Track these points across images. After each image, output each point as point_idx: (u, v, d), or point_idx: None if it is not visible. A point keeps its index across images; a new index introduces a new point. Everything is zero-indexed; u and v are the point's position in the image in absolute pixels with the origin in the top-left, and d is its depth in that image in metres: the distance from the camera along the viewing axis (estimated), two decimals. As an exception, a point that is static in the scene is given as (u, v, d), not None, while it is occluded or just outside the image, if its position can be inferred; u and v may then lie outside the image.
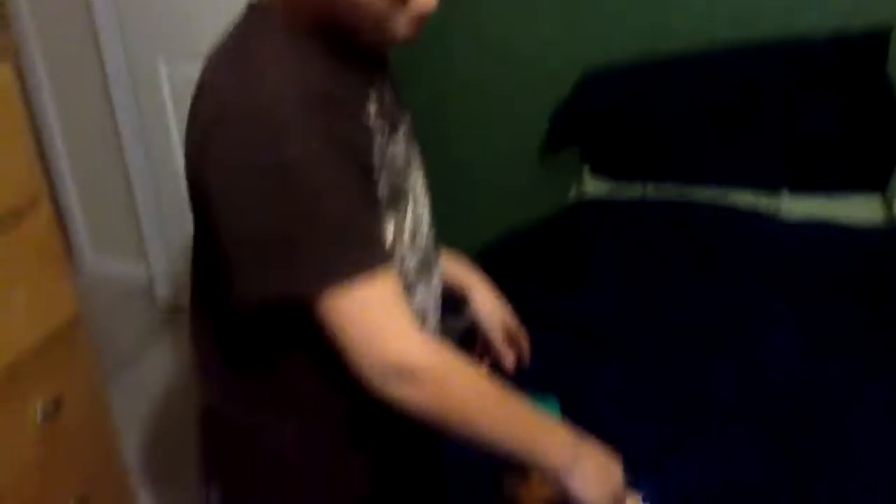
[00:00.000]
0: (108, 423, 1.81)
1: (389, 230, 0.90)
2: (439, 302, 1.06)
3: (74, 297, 1.65)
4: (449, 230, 1.15)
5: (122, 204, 2.75)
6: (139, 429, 2.22)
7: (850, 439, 1.29)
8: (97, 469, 1.77)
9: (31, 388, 1.55)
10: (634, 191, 2.08)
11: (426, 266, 0.99)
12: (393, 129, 0.90)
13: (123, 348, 2.52)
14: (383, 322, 0.81)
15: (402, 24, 0.81)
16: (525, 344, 1.25)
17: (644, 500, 1.08)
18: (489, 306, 1.22)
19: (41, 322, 1.56)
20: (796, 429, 1.31)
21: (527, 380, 1.24)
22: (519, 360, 1.25)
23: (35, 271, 1.54)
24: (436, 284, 1.04)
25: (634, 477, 1.09)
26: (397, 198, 0.91)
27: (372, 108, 0.86)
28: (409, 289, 0.95)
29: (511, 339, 1.24)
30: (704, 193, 2.01)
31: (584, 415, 1.28)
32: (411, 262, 0.95)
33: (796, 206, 1.97)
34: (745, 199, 1.99)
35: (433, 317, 1.03)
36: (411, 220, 0.95)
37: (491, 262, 1.32)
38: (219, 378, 0.99)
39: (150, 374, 2.44)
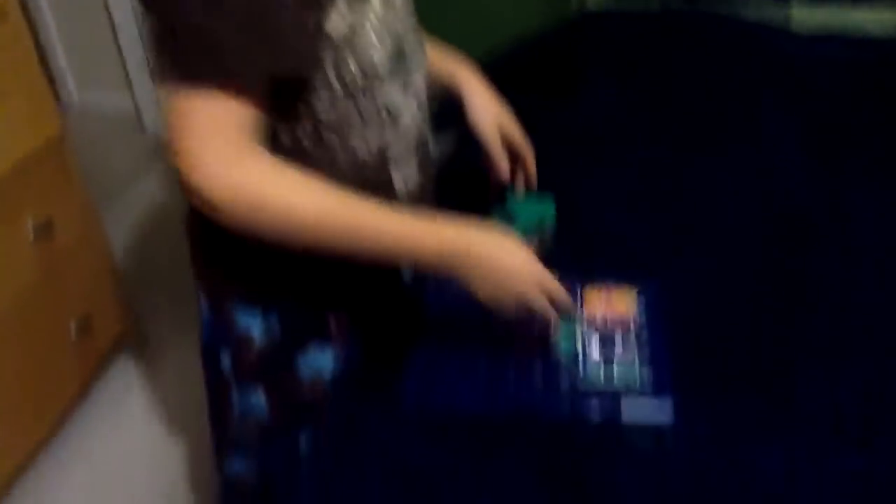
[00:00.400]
0: (103, 243, 1.80)
1: (342, 15, 0.81)
2: (424, 103, 0.97)
3: (57, 117, 1.60)
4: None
5: (103, 34, 2.65)
6: (132, 255, 2.24)
7: (854, 248, 1.27)
8: (96, 289, 1.79)
9: (19, 207, 1.53)
10: (637, -1, 1.98)
11: (400, 58, 0.90)
12: None
13: (114, 177, 2.49)
14: (202, 144, 0.76)
15: None
16: (530, 159, 1.15)
17: (640, 294, 1.08)
18: (486, 107, 1.11)
19: (22, 140, 1.52)
20: (801, 237, 1.29)
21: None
22: (526, 179, 1.16)
23: (10, 87, 1.48)
24: (417, 81, 0.94)
25: (629, 274, 1.09)
26: None
27: None
28: (375, 82, 0.87)
29: (512, 152, 1.13)
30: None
31: (582, 216, 1.27)
32: (379, 54, 0.86)
33: (807, 15, 1.88)
34: (755, 4, 1.89)
35: (413, 119, 0.94)
36: (380, 4, 0.86)
37: (487, 77, 1.25)
38: None
39: (140, 202, 2.43)
